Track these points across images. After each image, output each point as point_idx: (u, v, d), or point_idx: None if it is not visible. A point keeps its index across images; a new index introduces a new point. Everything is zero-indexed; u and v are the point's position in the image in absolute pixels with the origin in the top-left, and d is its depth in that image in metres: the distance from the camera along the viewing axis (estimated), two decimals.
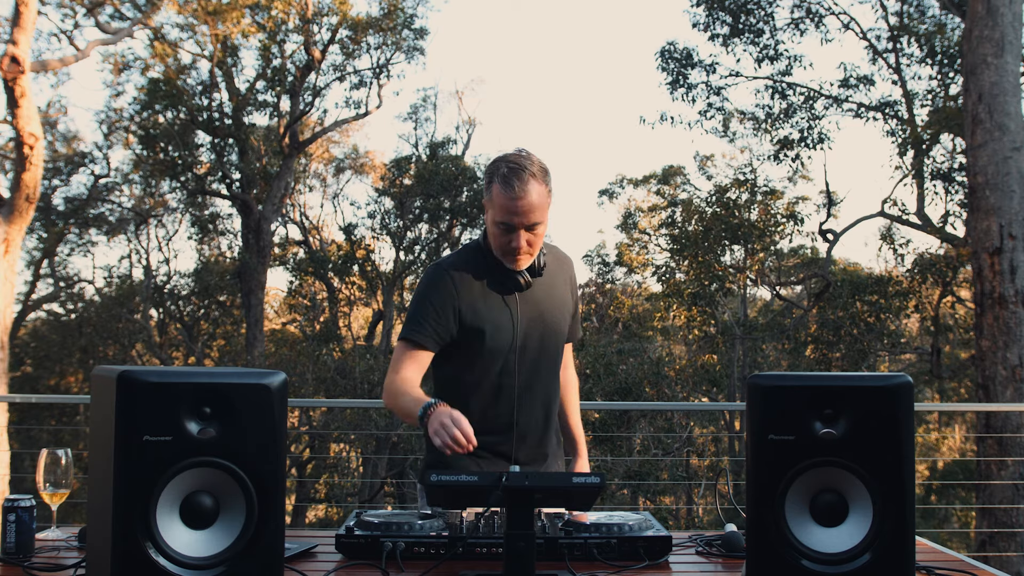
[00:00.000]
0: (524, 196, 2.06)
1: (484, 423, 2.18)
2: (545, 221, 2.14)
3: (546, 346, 2.26)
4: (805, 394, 1.46)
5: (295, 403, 8.06)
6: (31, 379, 18.65)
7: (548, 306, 2.27)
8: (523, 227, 2.09)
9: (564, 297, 2.33)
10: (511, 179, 2.07)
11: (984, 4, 7.51)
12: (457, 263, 2.23)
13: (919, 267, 13.15)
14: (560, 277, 2.33)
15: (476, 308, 2.17)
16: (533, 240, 2.13)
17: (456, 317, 2.17)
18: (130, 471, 1.33)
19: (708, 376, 15.67)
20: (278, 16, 15.52)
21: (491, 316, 2.17)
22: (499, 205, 2.09)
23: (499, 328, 2.17)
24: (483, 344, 2.17)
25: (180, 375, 1.39)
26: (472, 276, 2.20)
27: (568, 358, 2.46)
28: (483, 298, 2.18)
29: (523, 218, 2.08)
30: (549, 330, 2.26)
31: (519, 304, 2.20)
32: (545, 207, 2.12)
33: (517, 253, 2.12)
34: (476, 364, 2.20)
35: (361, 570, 1.70)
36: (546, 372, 2.27)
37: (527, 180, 2.07)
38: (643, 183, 21.50)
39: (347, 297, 19.19)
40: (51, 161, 18.08)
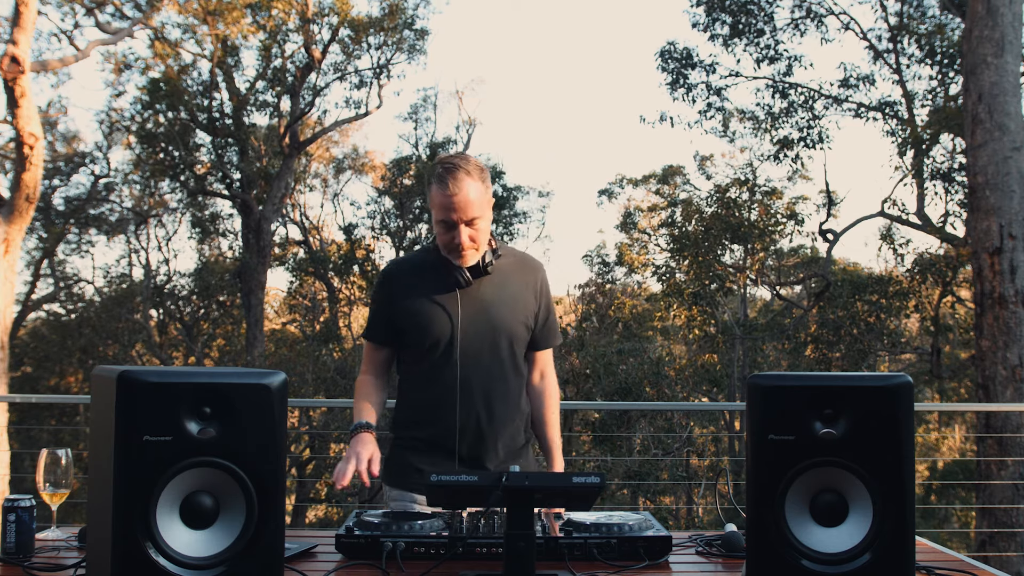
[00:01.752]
0: (458, 192, 2.16)
1: (427, 416, 2.28)
2: (485, 216, 2.22)
3: (491, 343, 2.27)
4: (805, 394, 1.46)
5: (295, 403, 8.05)
6: (31, 379, 18.65)
7: (495, 305, 2.28)
8: (462, 222, 2.18)
9: (521, 299, 2.33)
10: (445, 178, 2.18)
11: (984, 4, 7.51)
12: (401, 261, 2.40)
13: (919, 267, 13.15)
14: (519, 279, 2.34)
15: (413, 303, 2.27)
16: (475, 235, 2.21)
17: (394, 312, 2.29)
18: (130, 471, 1.33)
19: (708, 376, 15.68)
20: (278, 16, 15.52)
21: (427, 311, 2.25)
22: (437, 204, 2.20)
23: (435, 322, 2.24)
24: (420, 337, 2.25)
25: (180, 375, 1.39)
26: (414, 273, 2.31)
27: (546, 366, 2.45)
28: (422, 294, 2.27)
29: (460, 214, 2.17)
30: (494, 328, 2.27)
31: (460, 300, 2.25)
32: (482, 203, 2.20)
33: (461, 249, 2.20)
34: (419, 358, 2.28)
35: (361, 570, 1.70)
36: (491, 369, 2.27)
37: (461, 178, 2.17)
38: (643, 183, 21.52)
39: (347, 297, 19.19)
40: (51, 161, 18.08)
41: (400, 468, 2.33)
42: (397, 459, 2.36)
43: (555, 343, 2.44)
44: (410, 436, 2.33)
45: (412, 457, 2.31)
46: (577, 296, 21.16)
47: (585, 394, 15.30)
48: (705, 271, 14.57)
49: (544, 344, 2.42)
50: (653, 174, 21.05)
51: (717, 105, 14.78)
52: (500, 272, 2.31)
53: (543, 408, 2.43)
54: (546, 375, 2.45)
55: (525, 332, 2.33)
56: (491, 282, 2.29)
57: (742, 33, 14.00)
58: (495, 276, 2.30)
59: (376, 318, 2.36)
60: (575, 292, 21.29)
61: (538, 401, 2.43)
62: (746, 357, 15.67)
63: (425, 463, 2.26)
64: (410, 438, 2.33)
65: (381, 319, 2.34)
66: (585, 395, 15.28)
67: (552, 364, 2.48)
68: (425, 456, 2.28)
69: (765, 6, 13.95)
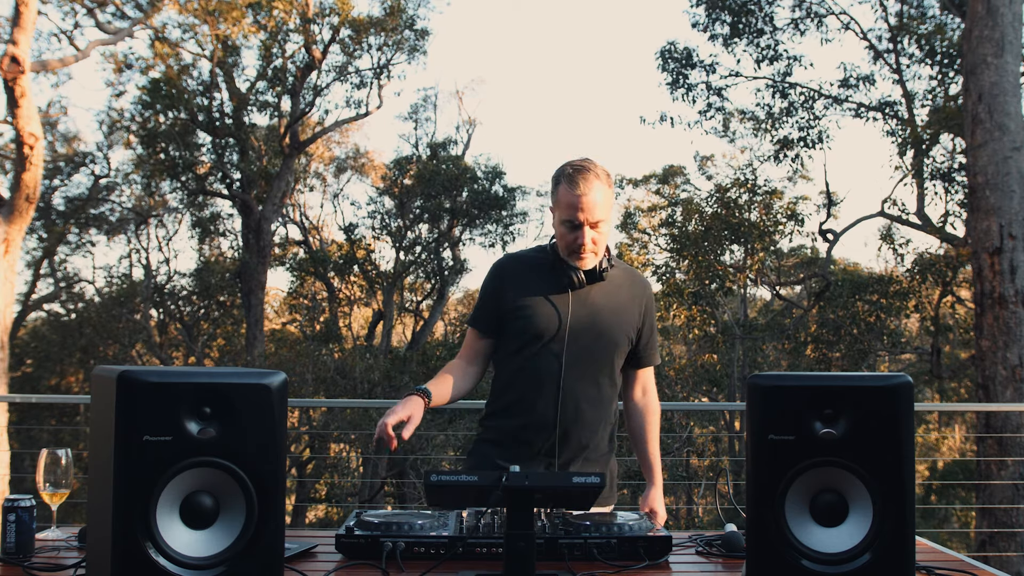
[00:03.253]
0: (588, 193, 2.17)
1: (518, 409, 2.27)
2: (608, 221, 2.25)
3: (594, 347, 2.28)
4: (805, 394, 1.46)
5: (295, 403, 8.06)
6: (31, 379, 18.64)
7: (604, 311, 2.29)
8: (587, 224, 2.19)
9: (627, 311, 2.34)
10: (575, 178, 2.19)
11: (984, 4, 7.51)
12: (516, 255, 2.40)
13: (919, 267, 13.15)
14: (628, 292, 2.36)
15: (523, 296, 2.27)
16: (598, 239, 2.23)
17: (503, 302, 2.29)
18: (130, 471, 1.33)
19: (708, 376, 15.67)
20: (279, 16, 15.52)
21: (536, 306, 2.25)
22: (564, 203, 2.20)
23: (542, 317, 2.24)
24: (524, 329, 2.25)
25: (180, 375, 1.39)
26: (527, 268, 2.32)
27: (648, 383, 2.47)
28: (534, 290, 2.27)
29: (587, 214, 2.18)
30: (600, 333, 2.28)
31: (571, 301, 2.26)
32: (608, 207, 2.23)
33: (582, 250, 2.21)
34: (517, 351, 2.28)
35: (361, 570, 1.70)
36: (588, 372, 2.28)
37: (591, 180, 2.19)
38: (643, 183, 21.51)
39: (347, 297, 19.19)
40: (51, 161, 18.08)
41: (478, 462, 2.33)
42: (477, 452, 2.36)
43: (656, 362, 2.46)
44: (496, 427, 2.33)
45: (493, 451, 2.30)
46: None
47: None
48: (705, 271, 14.56)
49: (647, 361, 2.43)
50: (653, 174, 21.06)
51: (717, 105, 14.78)
52: (611, 281, 2.32)
53: (645, 425, 2.45)
54: (648, 392, 2.47)
55: (627, 344, 2.35)
56: (602, 289, 2.30)
57: (742, 33, 13.99)
58: (606, 285, 2.31)
59: (483, 306, 2.35)
60: None
61: (640, 418, 2.45)
62: (746, 357, 15.66)
63: (504, 457, 2.23)
64: (495, 428, 2.33)
65: (488, 308, 2.33)
66: None
67: (654, 382, 2.50)
68: (506, 450, 2.27)
69: (765, 6, 13.95)
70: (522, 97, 40.21)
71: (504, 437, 2.30)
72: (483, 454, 2.32)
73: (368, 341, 18.46)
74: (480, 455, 2.34)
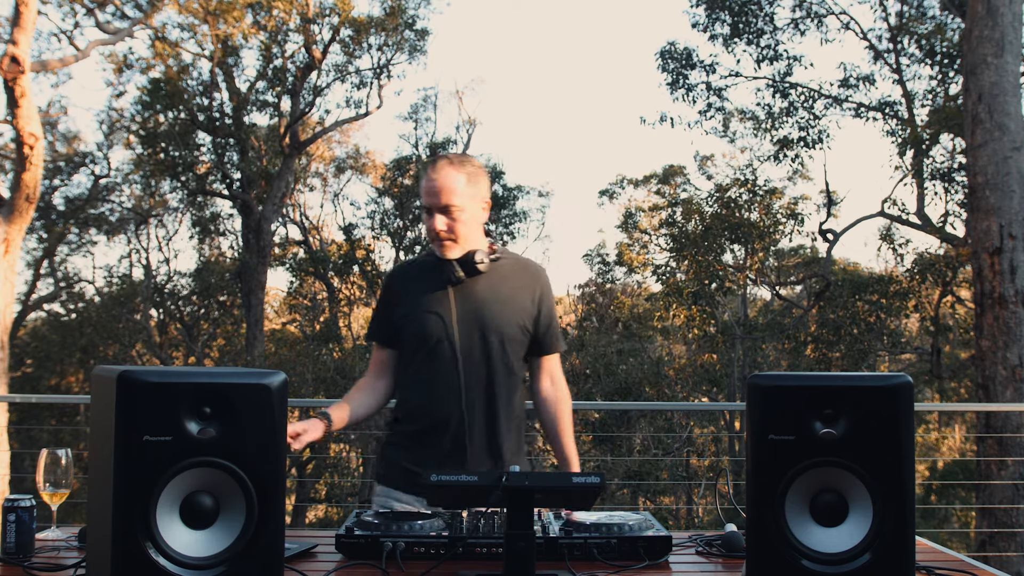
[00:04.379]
0: (437, 179, 2.22)
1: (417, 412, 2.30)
2: (466, 209, 2.25)
3: (482, 341, 2.27)
4: (805, 394, 1.46)
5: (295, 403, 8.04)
6: (31, 379, 18.64)
7: (488, 303, 2.29)
8: (437, 208, 2.23)
9: (516, 301, 2.33)
10: (429, 167, 2.27)
11: (984, 4, 7.51)
12: (406, 262, 2.50)
13: (919, 267, 13.14)
14: (517, 282, 2.35)
15: (409, 301, 2.32)
16: (452, 225, 2.24)
17: (393, 311, 2.35)
18: (130, 471, 1.33)
19: (708, 376, 15.68)
20: (279, 16, 15.52)
21: (422, 308, 2.29)
22: (422, 190, 2.28)
23: (429, 320, 2.27)
24: (416, 335, 2.29)
25: (180, 375, 1.39)
26: (415, 273, 2.37)
27: (555, 372, 2.44)
28: (418, 293, 2.31)
29: (435, 199, 2.22)
30: (485, 326, 2.27)
31: (453, 298, 2.27)
32: (463, 195, 2.24)
33: (439, 237, 2.25)
34: (414, 356, 2.31)
35: (361, 570, 1.70)
36: (482, 367, 2.27)
37: (443, 167, 2.25)
38: (643, 183, 21.52)
39: (347, 297, 19.19)
40: (51, 161, 18.08)
41: (387, 465, 2.35)
42: (385, 456, 2.38)
43: (560, 348, 2.44)
44: (400, 432, 2.35)
45: (399, 454, 2.32)
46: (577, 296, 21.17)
47: (585, 394, 15.29)
48: (705, 271, 14.56)
49: (549, 348, 2.41)
50: (653, 174, 21.06)
51: (717, 105, 14.78)
52: (496, 273, 2.32)
53: (556, 416, 2.42)
54: (556, 381, 2.44)
55: (520, 334, 2.33)
56: (486, 282, 2.30)
57: (742, 33, 13.99)
58: (491, 276, 2.31)
59: (376, 319, 2.43)
60: (575, 292, 21.30)
61: (550, 409, 2.42)
62: (746, 357, 15.66)
63: (410, 460, 2.28)
64: (399, 434, 2.35)
65: (381, 320, 2.40)
66: (585, 395, 15.27)
67: (561, 370, 2.47)
68: (411, 452, 2.29)
69: (765, 6, 13.94)
70: (522, 97, 40.22)
71: (409, 441, 2.32)
72: (392, 458, 2.34)
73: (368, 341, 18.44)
74: (389, 459, 2.35)
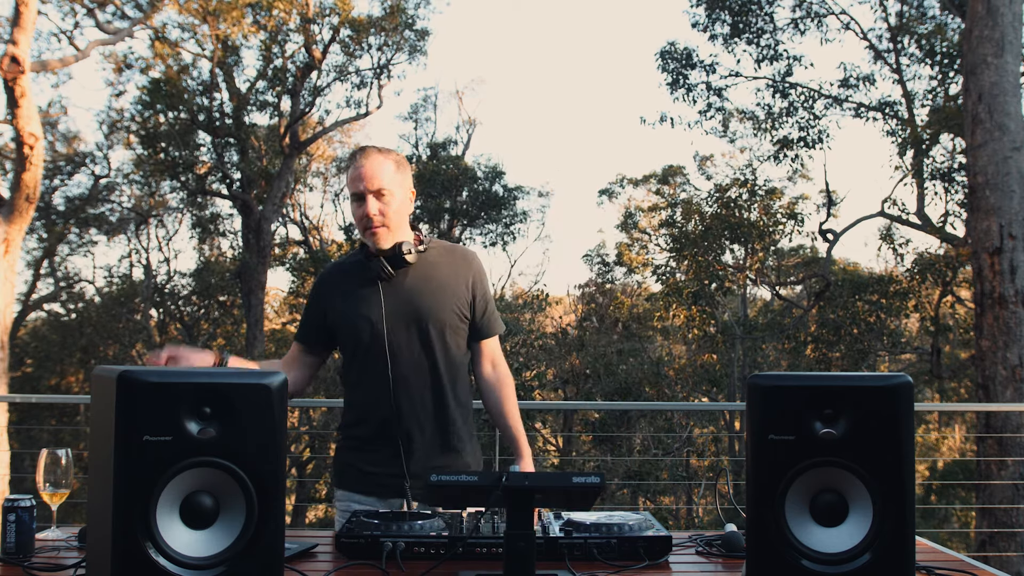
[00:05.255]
0: (366, 164, 2.24)
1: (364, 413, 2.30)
2: (396, 196, 2.26)
3: (418, 333, 2.27)
4: (805, 394, 1.46)
5: (295, 403, 8.05)
6: (31, 379, 18.64)
7: (419, 294, 2.29)
8: (369, 193, 2.23)
9: (449, 288, 2.32)
10: (354, 155, 2.30)
11: (984, 4, 7.51)
12: (334, 264, 2.44)
13: (919, 267, 13.14)
14: (447, 270, 2.34)
15: (339, 302, 2.31)
16: (385, 210, 2.24)
17: (323, 313, 2.34)
18: (130, 471, 1.33)
19: (708, 376, 15.68)
20: (279, 16, 15.52)
21: (353, 307, 2.28)
22: (349, 181, 2.27)
23: (360, 318, 2.27)
24: (349, 334, 2.29)
25: (180, 375, 1.39)
26: (342, 274, 2.36)
27: (495, 355, 2.43)
28: (348, 292, 2.30)
29: (367, 183, 2.22)
30: (419, 317, 2.27)
31: (383, 293, 2.27)
32: (393, 181, 2.25)
33: (371, 223, 2.23)
34: (352, 356, 2.31)
35: (361, 570, 1.70)
36: (421, 359, 2.28)
37: (371, 153, 2.27)
38: (643, 183, 21.52)
39: None
40: (51, 161, 18.08)
41: (342, 468, 2.36)
42: (340, 460, 2.38)
43: (499, 330, 2.43)
44: (350, 435, 2.35)
45: (353, 456, 2.33)
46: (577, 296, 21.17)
47: (585, 394, 15.30)
48: (705, 271, 14.56)
49: (488, 332, 2.40)
50: (653, 174, 21.06)
51: (717, 105, 14.78)
52: (426, 263, 2.32)
53: (500, 398, 2.41)
54: (497, 364, 2.43)
55: (457, 321, 2.32)
56: (415, 273, 2.30)
57: (742, 33, 13.99)
58: (420, 267, 2.31)
59: (305, 319, 2.41)
60: (575, 292, 21.30)
61: (493, 392, 2.41)
62: (746, 357, 15.66)
63: (364, 462, 2.29)
64: (350, 437, 2.35)
65: (309, 321, 2.38)
66: (585, 395, 15.28)
67: (501, 353, 2.47)
68: (364, 454, 2.30)
69: (765, 6, 13.94)
70: (522, 97, 40.24)
71: (359, 443, 2.32)
72: (347, 461, 2.35)
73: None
74: (343, 463, 2.36)
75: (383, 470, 2.26)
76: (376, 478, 2.28)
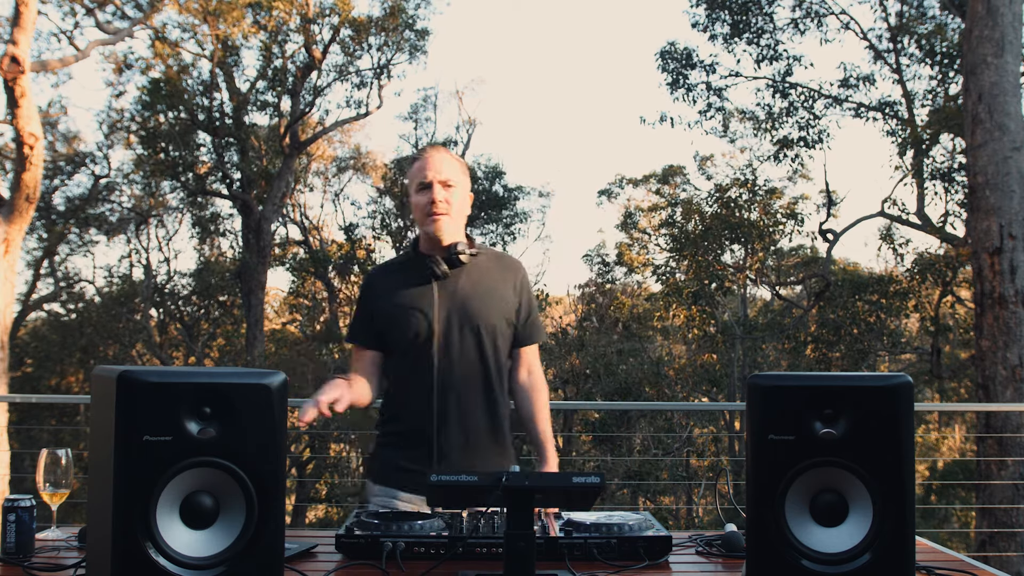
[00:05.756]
0: (433, 155, 2.32)
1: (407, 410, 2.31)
2: (460, 187, 2.33)
3: (470, 335, 2.29)
4: (805, 394, 1.46)
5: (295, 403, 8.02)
6: (31, 379, 18.63)
7: (473, 297, 2.31)
8: (437, 181, 2.28)
9: (499, 294, 2.35)
10: (421, 150, 2.38)
11: (984, 4, 7.51)
12: (383, 264, 2.51)
13: (919, 267, 13.14)
14: (497, 275, 2.38)
15: (392, 300, 2.33)
16: (450, 199, 2.29)
17: (375, 312, 2.35)
18: (130, 471, 1.33)
19: (708, 376, 15.68)
20: (279, 16, 15.51)
21: (406, 305, 2.30)
22: (415, 172, 2.33)
23: (414, 316, 2.28)
24: (401, 333, 2.29)
25: (180, 375, 1.39)
26: (393, 273, 2.40)
27: (533, 363, 2.46)
28: (401, 290, 2.32)
29: (436, 172, 2.29)
30: (472, 319, 2.29)
31: (437, 293, 2.28)
32: (458, 174, 2.33)
33: (434, 208, 2.27)
34: (401, 355, 2.32)
35: (361, 570, 1.70)
36: (470, 361, 2.29)
37: (437, 148, 2.37)
38: (643, 183, 21.52)
39: (347, 297, 19.18)
40: (51, 161, 18.07)
41: (382, 464, 2.36)
42: (379, 456, 2.38)
43: (539, 339, 2.46)
44: (391, 432, 2.35)
45: (393, 453, 2.33)
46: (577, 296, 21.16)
47: (585, 394, 15.29)
48: (705, 271, 14.56)
49: (528, 340, 2.43)
50: (653, 174, 21.06)
51: (717, 105, 14.77)
52: (477, 267, 2.35)
53: (533, 405, 2.43)
54: (533, 372, 2.46)
55: (505, 326, 2.35)
56: (468, 276, 2.33)
57: (742, 33, 13.99)
58: (472, 271, 2.33)
59: (357, 320, 2.43)
60: (575, 292, 21.29)
61: (527, 398, 2.43)
62: (746, 357, 15.66)
63: (405, 459, 2.29)
64: (391, 433, 2.35)
65: (362, 321, 2.40)
66: (585, 395, 15.27)
67: (538, 361, 2.49)
68: (405, 451, 2.30)
69: (765, 6, 13.94)
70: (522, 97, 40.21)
71: (402, 440, 2.33)
72: (388, 458, 2.35)
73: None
74: (383, 459, 2.36)
75: (426, 468, 2.25)
76: (418, 476, 2.25)
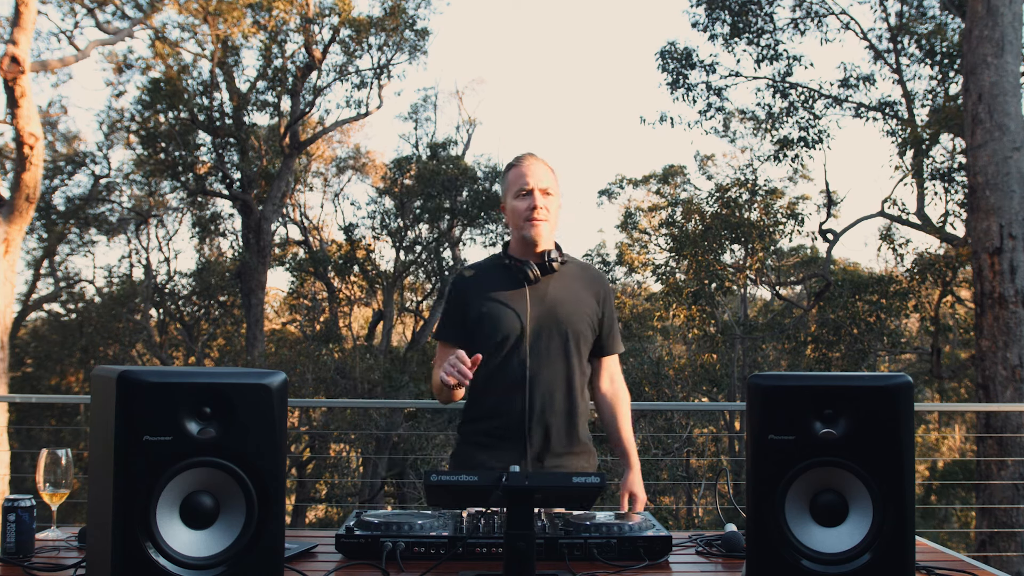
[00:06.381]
0: (533, 163, 2.39)
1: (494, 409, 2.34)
2: (556, 195, 2.40)
3: (557, 338, 2.34)
4: (805, 394, 1.46)
5: (295, 403, 8.05)
6: (31, 379, 18.64)
7: (562, 302, 2.37)
8: (537, 189, 2.35)
9: (585, 301, 2.41)
10: (519, 158, 2.42)
11: (984, 4, 7.51)
12: (474, 265, 2.52)
13: (919, 267, 13.13)
14: (584, 283, 2.44)
15: (484, 301, 2.35)
16: (549, 206, 2.36)
17: (467, 311, 2.38)
18: (130, 471, 1.33)
19: (708, 376, 15.66)
20: (279, 16, 15.51)
21: (497, 309, 2.33)
22: (513, 179, 2.39)
23: (505, 317, 2.32)
24: (491, 333, 2.32)
25: (180, 375, 1.39)
26: (485, 274, 2.43)
27: (615, 372, 2.54)
28: (492, 292, 2.36)
29: (537, 181, 2.36)
30: (561, 324, 2.35)
31: (528, 296, 2.33)
32: (554, 182, 2.40)
33: (534, 214, 2.34)
34: (489, 355, 2.32)
35: (361, 570, 1.70)
36: (556, 364, 2.34)
37: (536, 157, 2.43)
38: (643, 183, 21.51)
39: (347, 297, 19.19)
40: (51, 161, 18.07)
41: (465, 462, 2.38)
42: (462, 454, 2.41)
43: (619, 350, 2.52)
44: (477, 430, 2.39)
45: (477, 452, 2.36)
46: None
47: None
48: (705, 271, 14.55)
49: (611, 349, 2.49)
50: (653, 174, 21.05)
51: (717, 105, 14.76)
52: (566, 274, 2.41)
53: (616, 412, 2.51)
54: (615, 380, 2.53)
55: (590, 333, 2.41)
56: (558, 282, 2.39)
57: (742, 33, 13.98)
58: (561, 277, 2.40)
59: (448, 319, 2.45)
60: None
61: (610, 406, 2.51)
62: (746, 357, 15.66)
63: (490, 457, 2.31)
64: (476, 432, 2.39)
65: (454, 320, 2.42)
66: None
67: (620, 370, 2.56)
68: (490, 451, 2.33)
69: (765, 6, 13.93)
70: (522, 97, 40.23)
71: (485, 439, 2.35)
72: (467, 456, 2.38)
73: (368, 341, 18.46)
74: (464, 456, 2.39)
75: None
76: None
